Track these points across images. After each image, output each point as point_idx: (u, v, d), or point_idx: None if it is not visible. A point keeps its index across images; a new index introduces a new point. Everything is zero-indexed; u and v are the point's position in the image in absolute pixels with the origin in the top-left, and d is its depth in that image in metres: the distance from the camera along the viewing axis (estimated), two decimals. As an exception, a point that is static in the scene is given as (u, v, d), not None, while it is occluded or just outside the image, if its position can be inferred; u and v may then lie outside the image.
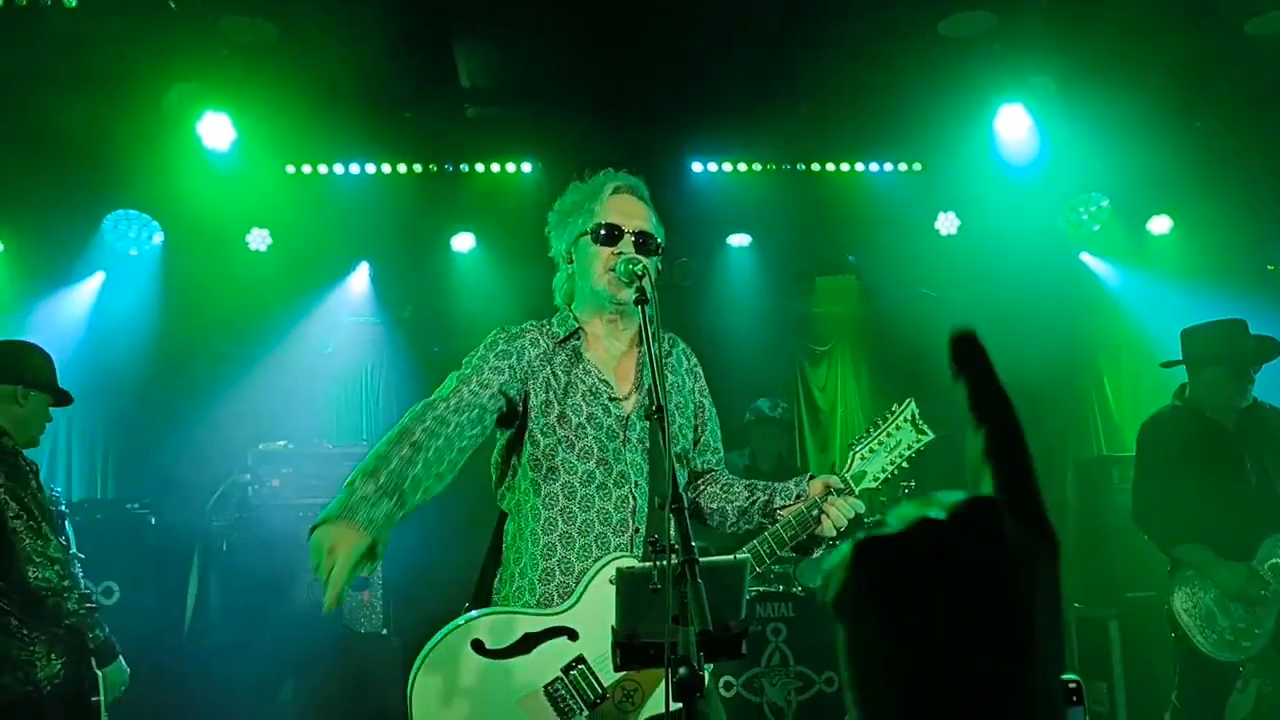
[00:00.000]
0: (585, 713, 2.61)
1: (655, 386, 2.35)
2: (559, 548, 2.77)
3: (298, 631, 5.75)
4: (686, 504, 2.86)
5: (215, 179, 6.77)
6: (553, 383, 2.86)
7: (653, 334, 2.44)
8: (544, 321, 2.99)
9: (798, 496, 2.85)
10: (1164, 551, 4.88)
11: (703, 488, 3.07)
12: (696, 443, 3.04)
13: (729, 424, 3.53)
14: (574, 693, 2.61)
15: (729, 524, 3.03)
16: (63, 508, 4.26)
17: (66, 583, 3.76)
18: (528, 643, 2.63)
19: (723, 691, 5.68)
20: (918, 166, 7.58)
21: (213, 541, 6.05)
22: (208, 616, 5.97)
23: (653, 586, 2.08)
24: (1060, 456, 7.62)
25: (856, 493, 2.84)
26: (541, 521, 2.80)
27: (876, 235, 7.86)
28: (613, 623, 2.15)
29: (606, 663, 2.55)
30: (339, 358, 8.07)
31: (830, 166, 7.54)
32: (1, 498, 3.74)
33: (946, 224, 7.81)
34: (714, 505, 3.03)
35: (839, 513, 2.79)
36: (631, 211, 2.90)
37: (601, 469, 2.79)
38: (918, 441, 2.94)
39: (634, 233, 2.87)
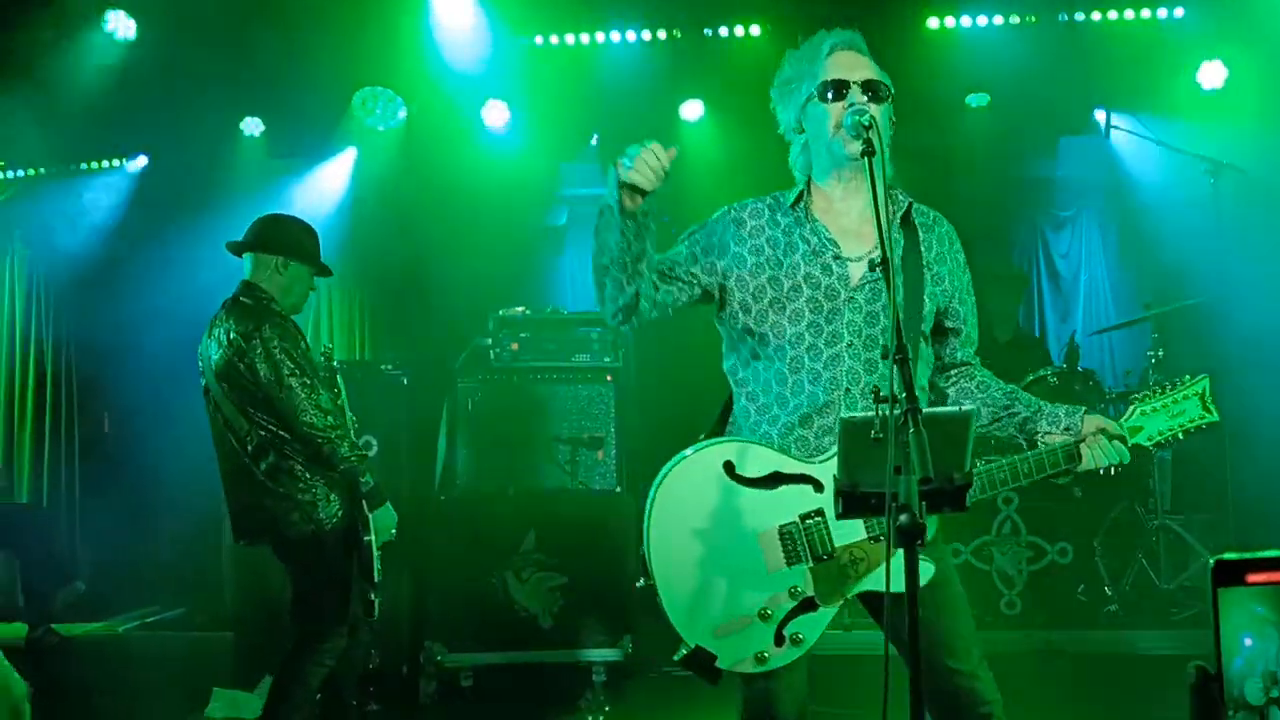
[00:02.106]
0: (810, 564, 2.67)
1: (882, 239, 2.33)
2: (773, 410, 2.82)
3: (538, 487, 6.13)
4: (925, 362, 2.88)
5: (451, 53, 6.99)
6: (767, 248, 2.87)
7: (882, 193, 2.43)
8: (776, 194, 2.99)
9: (1067, 428, 2.80)
10: None
11: (955, 380, 2.99)
12: (953, 331, 2.96)
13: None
14: (805, 541, 2.67)
15: (979, 424, 2.92)
16: (335, 364, 4.63)
17: (338, 432, 4.09)
18: (775, 480, 2.71)
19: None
20: (1179, 12, 6.95)
21: (459, 401, 6.42)
22: (455, 471, 6.39)
23: (875, 435, 2.10)
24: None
25: (1130, 445, 2.81)
26: (761, 385, 2.86)
27: (1129, 90, 7.33)
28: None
29: (844, 524, 2.63)
30: (571, 229, 8.29)
31: (1079, 16, 7.03)
32: (279, 357, 4.07)
33: (1212, 75, 7.16)
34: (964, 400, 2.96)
35: (1102, 453, 2.76)
36: (853, 64, 2.83)
37: (811, 331, 2.79)
38: (1201, 419, 2.88)
39: (860, 83, 2.79)
